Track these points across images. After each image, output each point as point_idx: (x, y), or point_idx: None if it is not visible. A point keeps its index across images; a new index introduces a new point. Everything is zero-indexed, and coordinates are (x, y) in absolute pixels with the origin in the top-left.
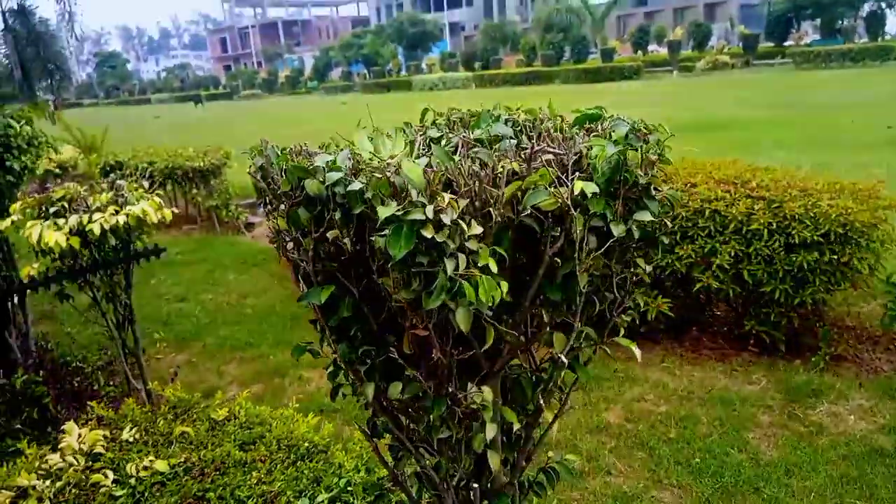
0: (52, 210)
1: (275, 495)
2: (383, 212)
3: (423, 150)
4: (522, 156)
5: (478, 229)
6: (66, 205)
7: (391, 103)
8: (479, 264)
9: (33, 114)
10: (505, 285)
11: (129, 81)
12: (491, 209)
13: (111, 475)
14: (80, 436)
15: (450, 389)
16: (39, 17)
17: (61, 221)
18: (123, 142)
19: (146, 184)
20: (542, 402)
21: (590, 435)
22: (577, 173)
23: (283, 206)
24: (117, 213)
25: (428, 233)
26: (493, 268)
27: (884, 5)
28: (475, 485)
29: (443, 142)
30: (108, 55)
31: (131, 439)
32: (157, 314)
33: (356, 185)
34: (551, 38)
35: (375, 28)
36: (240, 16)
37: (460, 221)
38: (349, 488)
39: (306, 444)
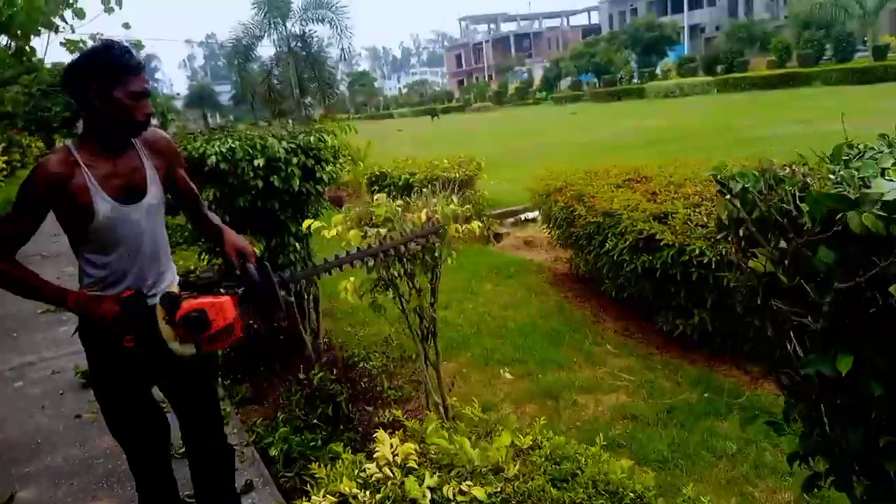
0: (372, 223)
1: None
2: None
3: None
4: None
5: None
6: (384, 220)
7: (623, 112)
8: None
9: (335, 128)
10: None
11: (376, 98)
12: None
13: (429, 494)
14: (392, 446)
15: None
16: (315, 38)
17: (377, 231)
18: (374, 153)
19: (455, 199)
20: None
21: None
22: None
23: (783, 244)
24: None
25: None
26: None
27: None
28: None
29: None
30: (359, 74)
31: (440, 457)
32: None
33: None
34: (810, 36)
35: (609, 35)
36: (474, 32)
37: None
38: None
39: (630, 494)
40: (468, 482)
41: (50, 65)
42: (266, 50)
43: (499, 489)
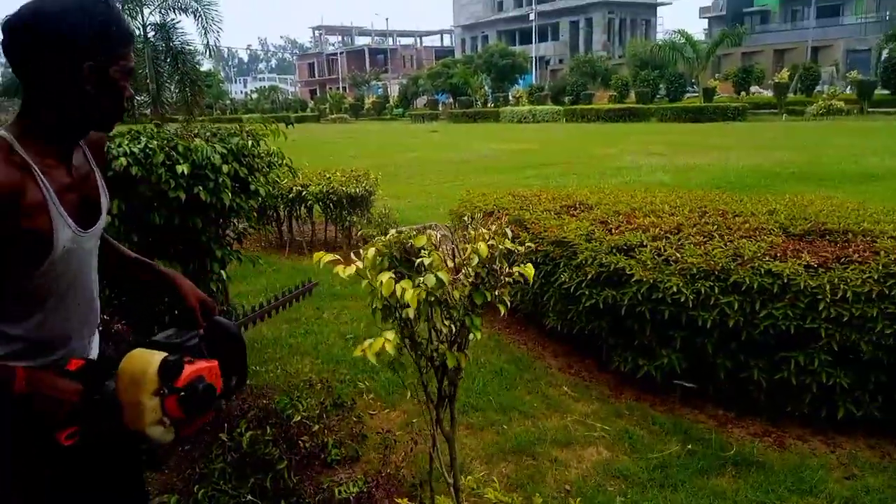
0: (417, 262)
1: None
2: None
3: None
4: None
5: None
6: (428, 254)
7: (484, 133)
8: None
9: (266, 132)
10: None
11: (222, 101)
12: None
13: None
14: None
15: None
16: (178, 29)
17: (427, 283)
18: None
19: (509, 231)
20: None
21: None
22: None
23: None
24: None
25: None
26: None
27: None
28: None
29: None
30: (205, 74)
31: None
32: (345, 355)
33: None
34: (646, 75)
35: (465, 58)
36: (327, 42)
37: None
38: None
39: None
40: None
41: None
42: None
43: None
